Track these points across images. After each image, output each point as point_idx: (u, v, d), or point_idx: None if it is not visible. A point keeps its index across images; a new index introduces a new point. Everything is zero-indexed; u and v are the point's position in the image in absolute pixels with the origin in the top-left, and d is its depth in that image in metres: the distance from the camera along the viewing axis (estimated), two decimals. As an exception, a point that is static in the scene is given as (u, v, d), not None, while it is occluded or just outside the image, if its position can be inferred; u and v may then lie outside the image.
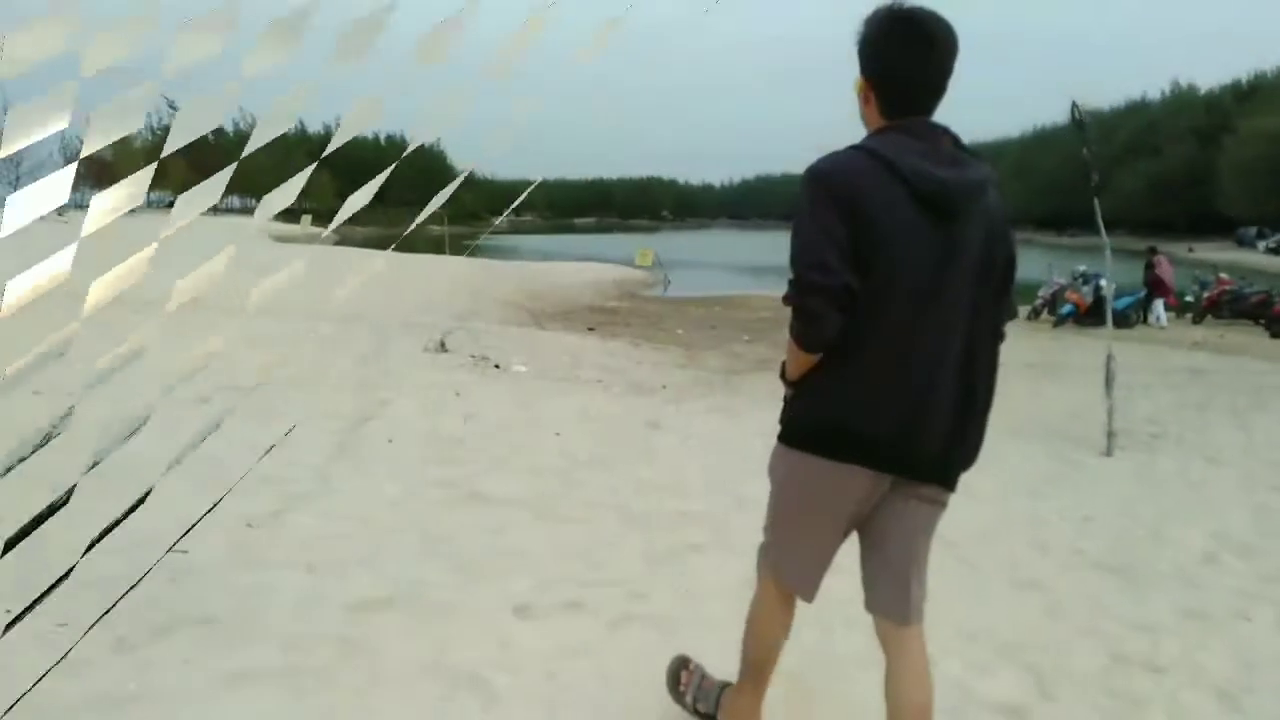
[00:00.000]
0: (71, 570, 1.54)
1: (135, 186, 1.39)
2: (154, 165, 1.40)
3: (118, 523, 1.61)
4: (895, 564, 2.00)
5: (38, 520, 1.47)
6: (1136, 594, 3.52)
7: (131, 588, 1.81)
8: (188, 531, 1.91)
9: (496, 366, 8.86)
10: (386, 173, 1.82)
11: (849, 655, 2.86)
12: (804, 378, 1.87)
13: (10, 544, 1.39)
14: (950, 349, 1.81)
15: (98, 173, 73.98)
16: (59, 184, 1.28)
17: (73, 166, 1.32)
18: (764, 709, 2.32)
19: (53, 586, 1.51)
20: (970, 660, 2.88)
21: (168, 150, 1.41)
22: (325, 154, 1.67)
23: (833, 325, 1.75)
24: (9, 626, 1.51)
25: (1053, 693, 2.70)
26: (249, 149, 1.54)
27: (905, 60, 1.84)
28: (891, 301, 1.77)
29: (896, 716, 2.00)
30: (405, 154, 1.86)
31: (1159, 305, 16.96)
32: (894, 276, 1.76)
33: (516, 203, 3.29)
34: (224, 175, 1.52)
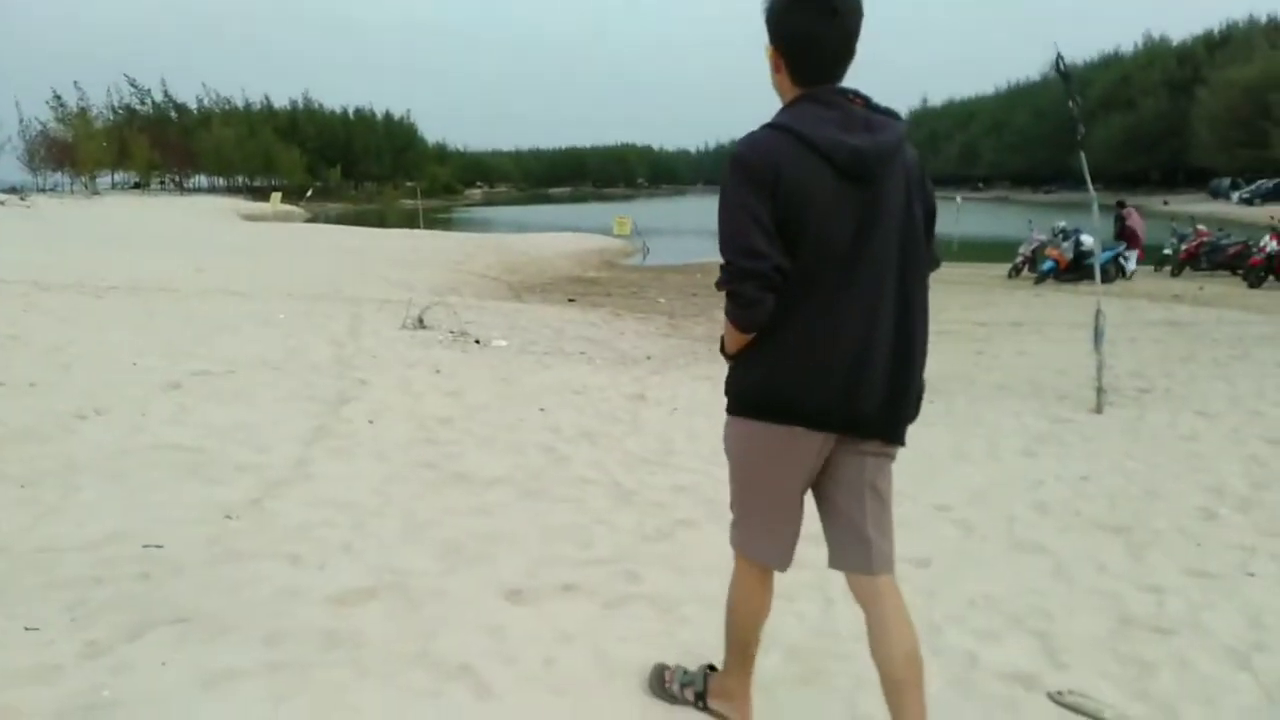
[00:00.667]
0: None
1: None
2: None
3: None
4: (849, 517, 2.00)
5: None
6: (1138, 554, 3.47)
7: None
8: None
9: (477, 342, 8.70)
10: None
11: (847, 629, 2.78)
12: (743, 348, 1.94)
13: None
14: (882, 307, 1.86)
15: (59, 155, 71.88)
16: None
17: None
18: (754, 685, 2.25)
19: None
20: (976, 627, 2.81)
21: None
22: None
23: (767, 307, 1.83)
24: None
25: (1062, 659, 2.63)
26: None
27: (811, 27, 1.85)
28: (821, 270, 1.83)
29: (886, 668, 1.97)
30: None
31: (1131, 258, 16.99)
32: (821, 246, 1.82)
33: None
34: None
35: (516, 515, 3.75)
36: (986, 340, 10.07)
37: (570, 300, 15.12)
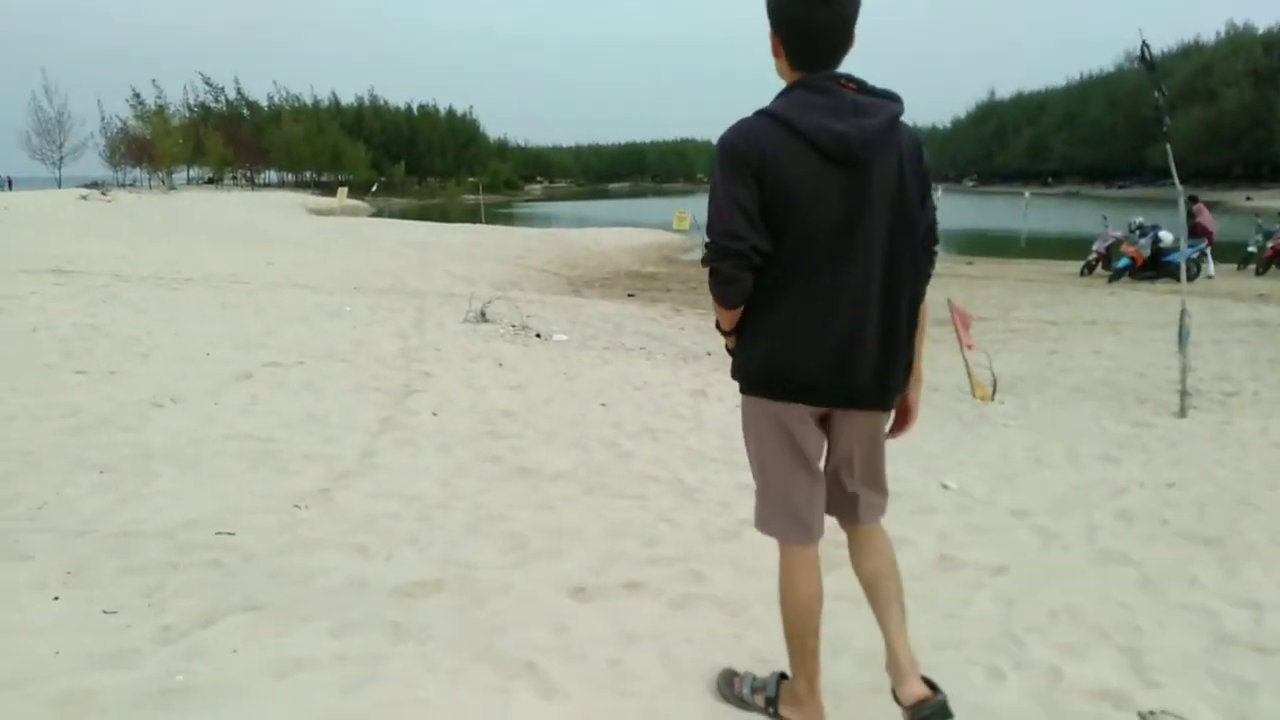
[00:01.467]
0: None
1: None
2: None
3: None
4: (838, 477, 2.13)
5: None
6: (1231, 567, 3.28)
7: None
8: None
9: (538, 336, 8.73)
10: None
11: (921, 636, 2.68)
12: (742, 328, 2.04)
13: None
14: (871, 284, 1.93)
15: (138, 151, 74.26)
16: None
17: None
18: (824, 692, 2.19)
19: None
20: (1059, 641, 2.68)
21: None
22: None
23: (745, 284, 1.94)
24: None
25: (1153, 677, 2.49)
26: None
27: (808, 14, 1.91)
28: (810, 250, 1.91)
29: (867, 587, 2.16)
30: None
31: (1209, 256, 16.28)
32: (810, 228, 1.90)
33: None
34: None
35: (581, 511, 3.72)
36: (1060, 340, 9.74)
37: (630, 295, 15.10)
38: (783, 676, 2.29)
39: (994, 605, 2.94)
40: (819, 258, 1.91)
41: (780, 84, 2.01)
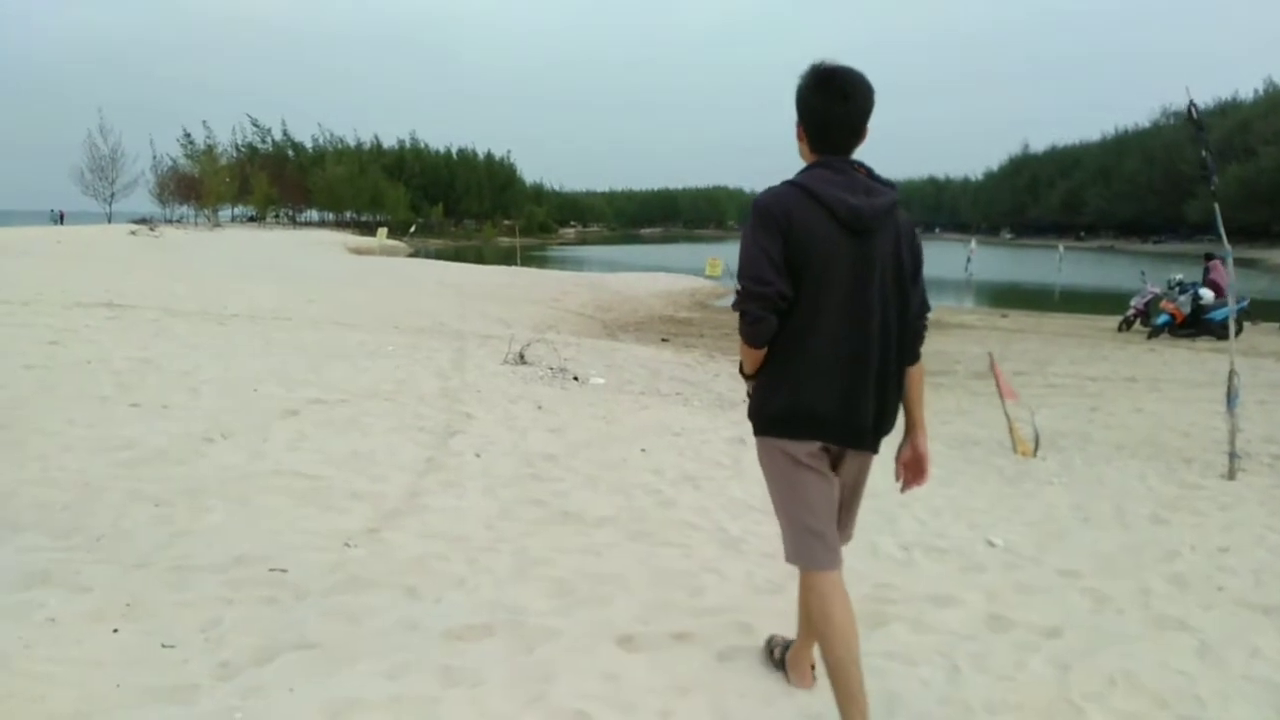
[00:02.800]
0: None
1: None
2: None
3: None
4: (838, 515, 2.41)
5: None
6: (1293, 637, 3.20)
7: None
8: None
9: (575, 379, 8.78)
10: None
11: (976, 698, 2.64)
12: (760, 374, 2.32)
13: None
14: (870, 336, 2.24)
15: (186, 189, 76.43)
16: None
17: None
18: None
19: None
20: (1119, 709, 2.63)
21: None
22: None
23: (770, 325, 2.22)
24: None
25: (1217, 750, 2.43)
26: None
27: (827, 110, 2.27)
28: (823, 304, 2.22)
29: (828, 650, 2.34)
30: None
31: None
32: (822, 284, 2.22)
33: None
34: None
35: (625, 557, 3.72)
36: (1099, 396, 9.62)
37: (664, 340, 15.16)
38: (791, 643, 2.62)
39: (1049, 669, 2.89)
40: (829, 310, 2.22)
41: (800, 163, 2.36)
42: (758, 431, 2.36)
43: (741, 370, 2.40)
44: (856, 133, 2.29)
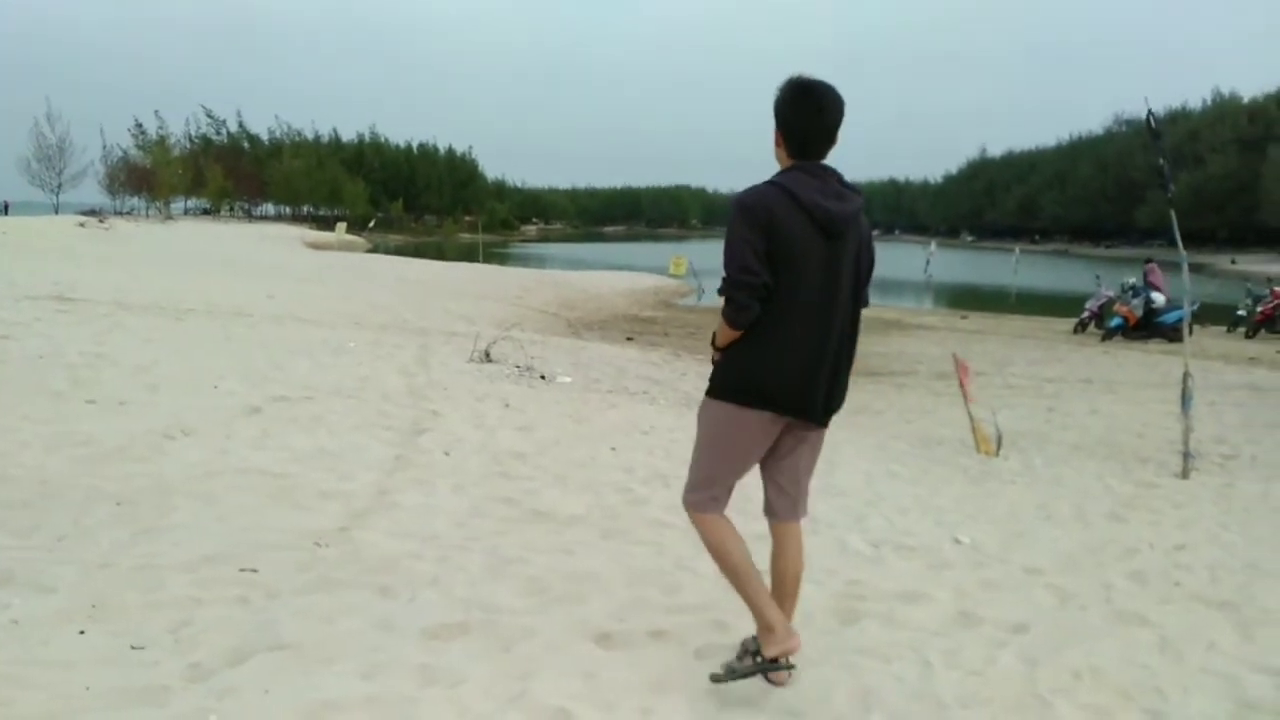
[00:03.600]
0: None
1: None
2: None
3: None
4: (787, 484, 2.70)
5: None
6: (1248, 632, 3.30)
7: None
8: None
9: (542, 378, 8.76)
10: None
11: (950, 694, 2.69)
12: (729, 349, 2.53)
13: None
14: (833, 327, 2.49)
15: (137, 180, 74.58)
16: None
17: None
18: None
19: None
20: (1086, 702, 2.70)
21: None
22: None
23: (754, 311, 2.42)
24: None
25: (1180, 741, 2.51)
26: None
27: (803, 119, 2.49)
28: (794, 294, 2.43)
29: (778, 580, 2.71)
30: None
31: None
32: (796, 277, 2.43)
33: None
34: None
35: (599, 556, 3.73)
36: (1056, 397, 9.84)
37: (629, 339, 15.18)
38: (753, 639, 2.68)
39: (1017, 664, 2.95)
40: (800, 299, 2.43)
41: (775, 166, 2.57)
42: (715, 395, 2.58)
43: (713, 342, 2.60)
44: (831, 140, 2.52)
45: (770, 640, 2.55)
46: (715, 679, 2.59)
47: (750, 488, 2.83)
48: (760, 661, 2.57)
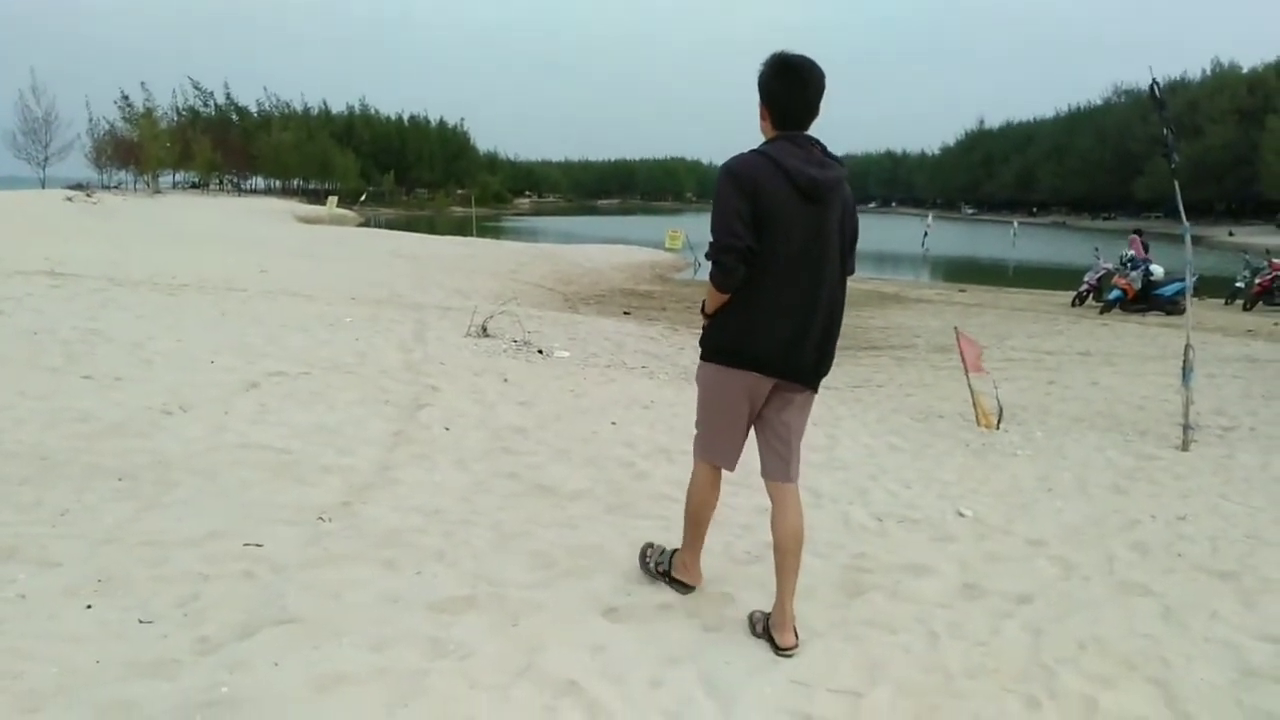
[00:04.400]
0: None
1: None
2: None
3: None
4: (777, 443, 2.80)
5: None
6: (1249, 601, 3.33)
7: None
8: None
9: (540, 352, 8.73)
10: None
11: (957, 665, 2.71)
12: (718, 312, 2.65)
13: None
14: (819, 292, 2.60)
15: (124, 154, 73.74)
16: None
17: None
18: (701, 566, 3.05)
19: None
20: (1090, 672, 2.72)
21: None
22: None
23: (740, 274, 2.53)
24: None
25: (1185, 709, 2.53)
26: None
27: (787, 93, 2.61)
28: (779, 260, 2.54)
29: (779, 543, 2.77)
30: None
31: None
32: (781, 242, 2.53)
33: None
34: None
35: (603, 530, 3.73)
36: (1056, 370, 9.84)
37: (626, 313, 15.13)
38: (675, 551, 3.07)
39: (1022, 634, 2.97)
40: (785, 264, 2.54)
41: (760, 137, 2.67)
42: (706, 357, 2.75)
43: (703, 309, 2.73)
44: (813, 112, 2.63)
45: (682, 569, 3.05)
46: (640, 558, 3.20)
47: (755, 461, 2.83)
48: (667, 579, 3.08)
